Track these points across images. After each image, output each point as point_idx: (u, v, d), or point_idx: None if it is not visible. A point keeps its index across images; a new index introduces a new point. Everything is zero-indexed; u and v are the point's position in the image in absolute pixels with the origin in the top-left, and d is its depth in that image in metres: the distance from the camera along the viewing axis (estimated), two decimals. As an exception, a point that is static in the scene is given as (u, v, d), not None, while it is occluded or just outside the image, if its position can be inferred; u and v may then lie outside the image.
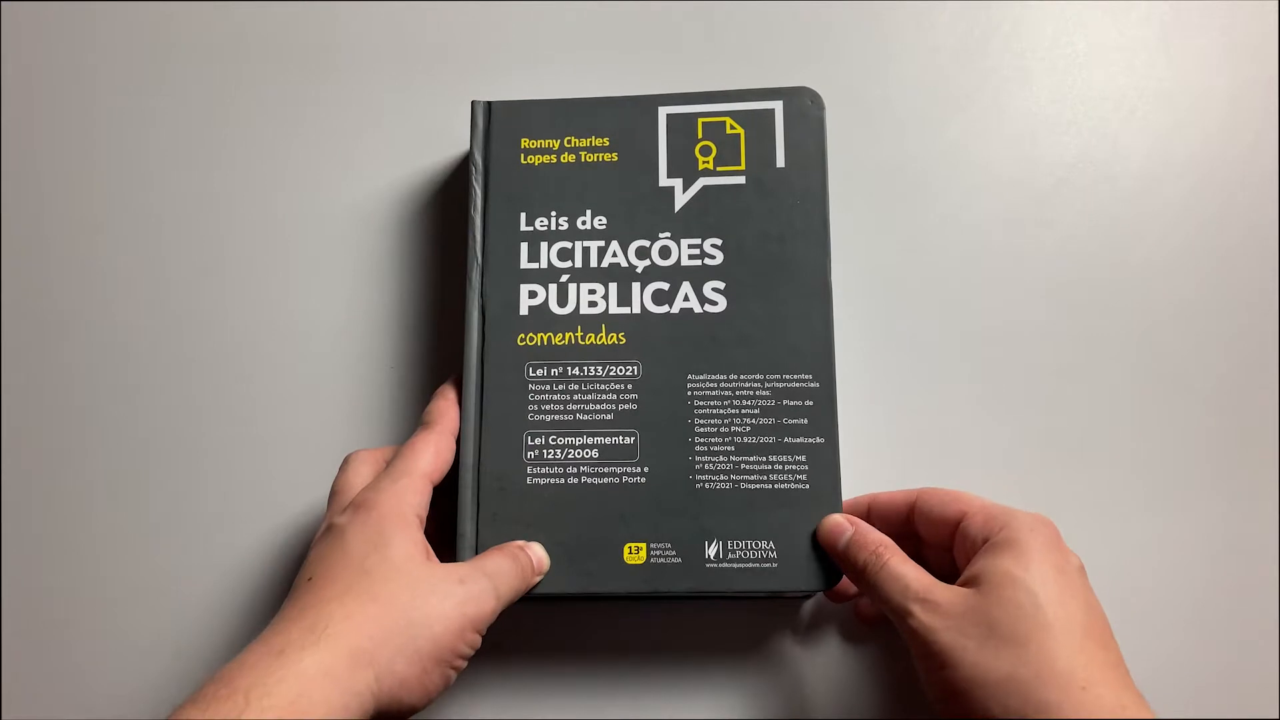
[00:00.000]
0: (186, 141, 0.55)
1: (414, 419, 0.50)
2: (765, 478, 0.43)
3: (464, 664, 0.38)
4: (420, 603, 0.36)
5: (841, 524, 0.42)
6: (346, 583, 0.36)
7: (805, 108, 0.48)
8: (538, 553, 0.42)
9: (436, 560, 0.39)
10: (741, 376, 0.44)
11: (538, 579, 0.42)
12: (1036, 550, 0.37)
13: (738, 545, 0.43)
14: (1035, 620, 0.35)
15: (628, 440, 0.44)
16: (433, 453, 0.42)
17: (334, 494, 0.42)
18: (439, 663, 0.36)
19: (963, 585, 0.37)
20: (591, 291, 0.46)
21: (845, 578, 0.42)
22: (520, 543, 0.42)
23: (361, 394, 0.51)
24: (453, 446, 0.44)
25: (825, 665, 0.46)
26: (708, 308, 0.45)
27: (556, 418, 0.45)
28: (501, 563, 0.40)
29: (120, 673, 0.48)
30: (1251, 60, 0.53)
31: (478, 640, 0.38)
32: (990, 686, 0.34)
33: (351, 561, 0.37)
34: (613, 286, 0.46)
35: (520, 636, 0.47)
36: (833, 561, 0.42)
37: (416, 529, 0.40)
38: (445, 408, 0.44)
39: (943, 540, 0.42)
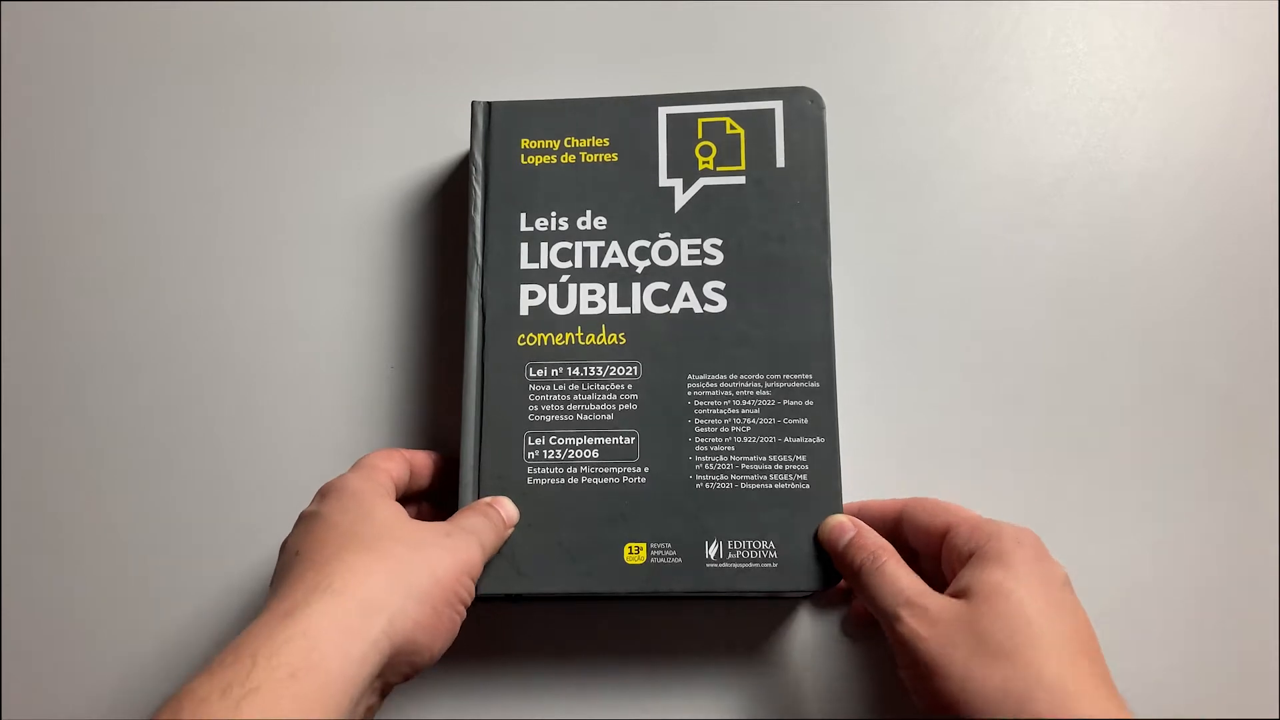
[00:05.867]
0: (186, 141, 0.55)
1: (414, 419, 0.50)
2: (765, 477, 0.43)
3: (464, 612, 0.38)
4: (415, 553, 0.37)
5: (844, 525, 0.42)
6: (338, 546, 0.36)
7: (805, 107, 0.48)
8: (507, 508, 0.43)
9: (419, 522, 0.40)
10: (741, 376, 0.44)
11: (509, 531, 0.43)
12: (1023, 562, 0.37)
13: (738, 545, 0.43)
14: (1025, 634, 0.35)
15: (628, 440, 0.44)
16: (395, 460, 0.44)
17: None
18: (447, 604, 0.37)
19: (951, 594, 0.38)
20: (591, 292, 0.46)
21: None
22: (489, 499, 0.43)
23: (361, 394, 0.51)
24: (406, 468, 0.44)
25: (824, 665, 0.46)
26: (708, 308, 0.45)
27: (557, 418, 0.45)
28: (476, 519, 0.41)
29: (122, 674, 0.48)
30: (1251, 60, 0.53)
31: (472, 589, 0.39)
32: (980, 697, 0.34)
33: (339, 531, 0.37)
34: (613, 287, 0.46)
35: (520, 636, 0.47)
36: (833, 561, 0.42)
37: (392, 499, 0.41)
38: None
39: (933, 551, 0.42)
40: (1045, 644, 0.35)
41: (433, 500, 0.47)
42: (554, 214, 0.47)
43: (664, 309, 0.46)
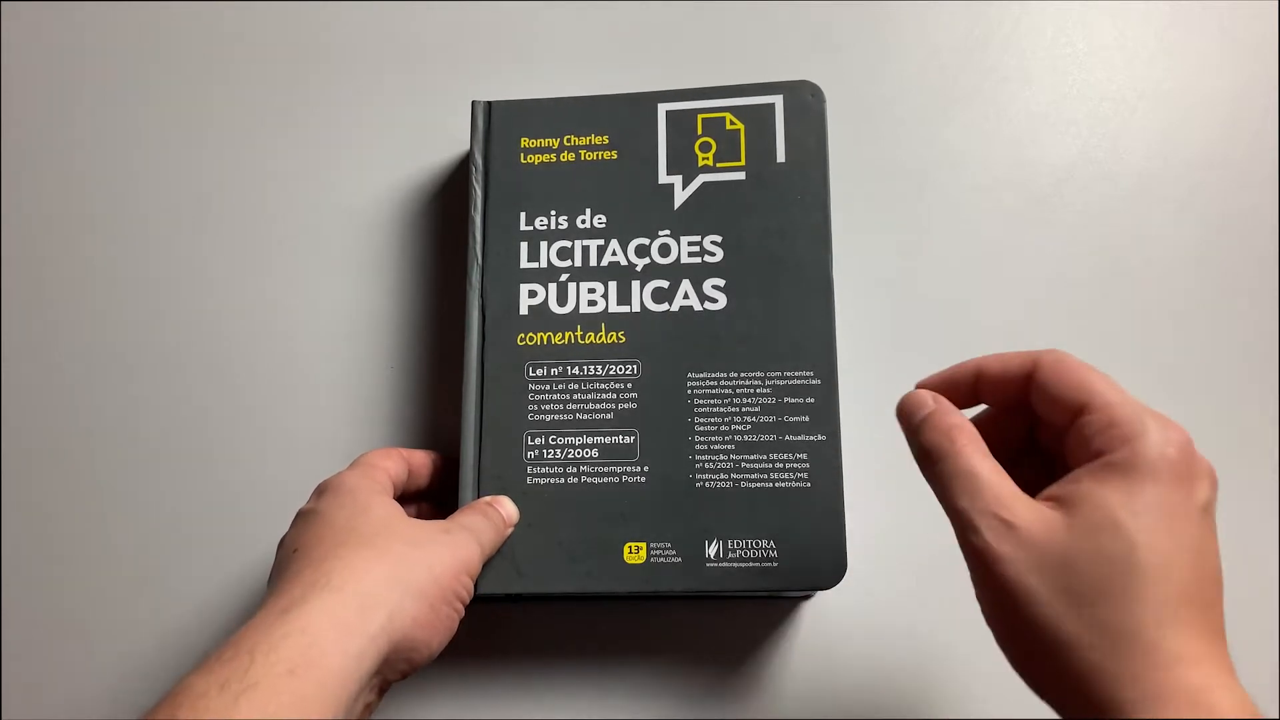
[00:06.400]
0: (185, 142, 0.55)
1: (414, 419, 0.50)
2: (766, 476, 0.43)
3: (463, 610, 0.38)
4: (413, 550, 0.37)
5: (923, 398, 0.35)
6: (335, 543, 0.36)
7: (806, 101, 0.47)
8: (507, 507, 0.43)
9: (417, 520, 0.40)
10: (742, 374, 0.44)
11: (510, 530, 0.43)
12: (1155, 485, 0.30)
13: (738, 544, 0.42)
14: (1125, 578, 0.29)
15: (628, 440, 0.44)
16: (393, 458, 0.44)
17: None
18: (445, 601, 0.37)
19: (1053, 499, 0.31)
20: (591, 290, 0.46)
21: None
22: (489, 498, 0.43)
23: (361, 394, 0.51)
24: (404, 467, 0.44)
25: (825, 665, 0.46)
26: (708, 305, 0.45)
27: (556, 417, 0.45)
28: (475, 518, 0.41)
29: (121, 673, 0.48)
30: (1251, 60, 0.53)
31: (471, 587, 0.39)
32: (1058, 646, 0.29)
33: (336, 528, 0.37)
34: (612, 285, 0.46)
35: (520, 636, 0.47)
36: (834, 560, 0.42)
37: (390, 497, 0.41)
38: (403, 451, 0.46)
39: (1061, 428, 0.33)
40: (1149, 594, 0.29)
41: (432, 500, 0.47)
42: (553, 213, 0.47)
43: (664, 307, 0.46)
